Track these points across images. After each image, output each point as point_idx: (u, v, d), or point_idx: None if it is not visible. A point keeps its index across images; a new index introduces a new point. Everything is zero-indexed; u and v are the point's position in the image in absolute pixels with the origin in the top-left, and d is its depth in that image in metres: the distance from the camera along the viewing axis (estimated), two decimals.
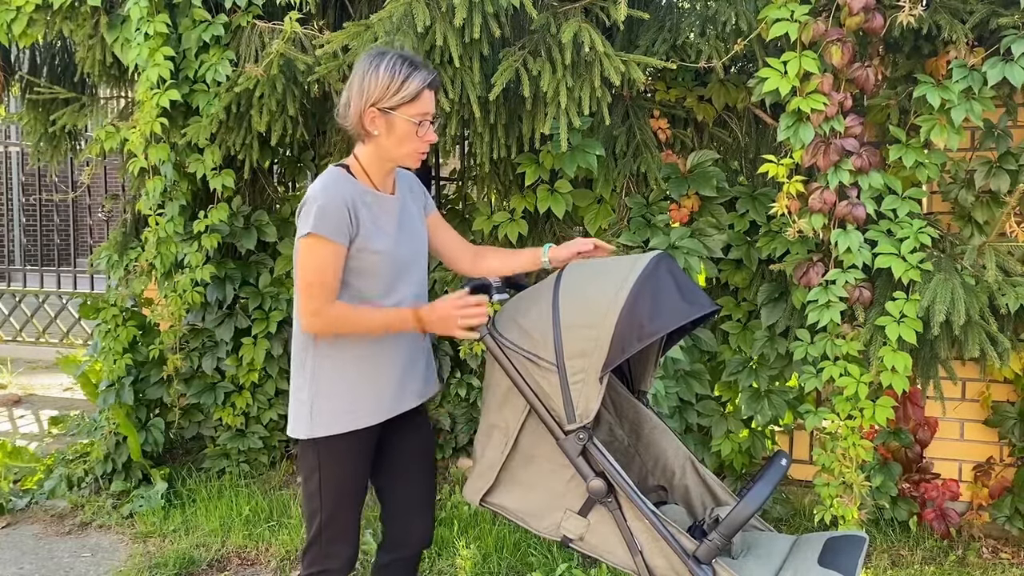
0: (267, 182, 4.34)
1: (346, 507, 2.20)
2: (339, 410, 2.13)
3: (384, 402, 2.19)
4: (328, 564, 2.22)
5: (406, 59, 2.09)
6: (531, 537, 3.43)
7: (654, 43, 3.28)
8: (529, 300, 2.10)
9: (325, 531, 2.20)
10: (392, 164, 2.19)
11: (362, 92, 2.08)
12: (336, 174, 2.13)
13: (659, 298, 1.92)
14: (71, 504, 4.00)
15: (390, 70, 2.06)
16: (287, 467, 4.29)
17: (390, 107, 2.07)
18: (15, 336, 7.51)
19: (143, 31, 3.64)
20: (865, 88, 2.94)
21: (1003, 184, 3.03)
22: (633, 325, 1.90)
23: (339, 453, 2.16)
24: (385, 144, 2.13)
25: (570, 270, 2.08)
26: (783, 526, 3.56)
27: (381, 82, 2.06)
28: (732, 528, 1.86)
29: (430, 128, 2.13)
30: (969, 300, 2.87)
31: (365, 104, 2.08)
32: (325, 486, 2.17)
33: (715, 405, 3.60)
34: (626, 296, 1.91)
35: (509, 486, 2.13)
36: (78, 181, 5.39)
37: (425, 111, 2.10)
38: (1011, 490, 3.42)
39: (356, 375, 2.15)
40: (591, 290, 1.98)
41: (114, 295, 4.18)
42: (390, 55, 2.09)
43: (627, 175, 3.49)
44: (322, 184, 2.09)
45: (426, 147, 2.15)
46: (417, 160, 2.18)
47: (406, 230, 2.23)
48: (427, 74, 2.09)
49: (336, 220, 2.04)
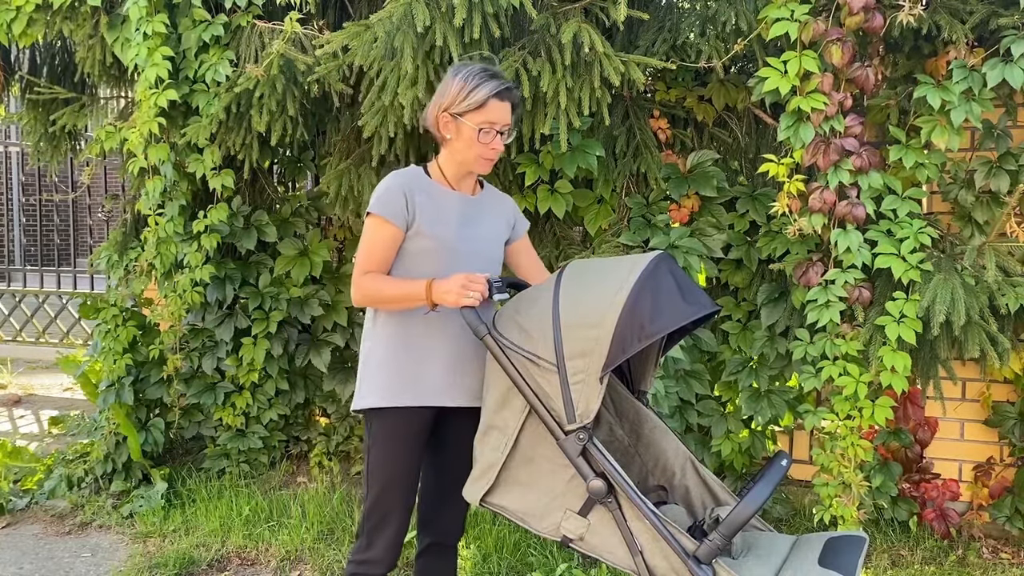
0: (267, 182, 4.34)
1: (391, 493, 2.27)
2: (384, 385, 2.25)
3: (428, 388, 2.26)
4: (369, 555, 2.29)
5: (485, 71, 2.23)
6: (531, 537, 3.43)
7: (654, 43, 3.28)
8: (529, 300, 2.10)
9: (370, 517, 2.29)
10: (465, 167, 2.30)
11: (439, 97, 2.26)
12: (408, 168, 2.33)
13: (660, 298, 1.93)
14: (71, 504, 4.00)
15: (464, 78, 2.21)
16: (287, 467, 4.29)
17: (458, 112, 2.21)
18: (15, 336, 7.51)
19: (142, 31, 3.64)
20: (865, 88, 2.94)
21: (1003, 184, 3.03)
22: (633, 325, 1.90)
23: (387, 430, 2.26)
24: (456, 147, 2.27)
25: (571, 270, 2.09)
26: (783, 526, 3.56)
27: (454, 89, 2.22)
28: (732, 528, 1.85)
29: (496, 137, 2.23)
30: (969, 300, 2.87)
31: (439, 108, 2.25)
32: (373, 466, 2.28)
33: (715, 405, 3.60)
34: (626, 296, 1.91)
35: (509, 486, 2.13)
36: (78, 181, 5.39)
37: (490, 119, 2.21)
38: (1011, 490, 3.42)
39: (405, 355, 2.25)
40: (592, 290, 1.98)
41: (114, 295, 4.18)
42: (472, 67, 2.24)
43: (627, 175, 3.49)
44: (392, 173, 2.30)
45: (492, 154, 2.26)
46: (485, 165, 2.29)
47: (470, 226, 2.31)
48: (497, 85, 2.21)
49: (393, 203, 2.22)
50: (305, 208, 4.25)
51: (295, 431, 4.39)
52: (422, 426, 2.29)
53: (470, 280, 2.08)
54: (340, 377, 4.16)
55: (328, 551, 3.43)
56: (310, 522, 3.63)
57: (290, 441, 4.40)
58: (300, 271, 4.11)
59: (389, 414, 2.25)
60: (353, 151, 3.70)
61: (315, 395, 4.32)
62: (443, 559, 2.50)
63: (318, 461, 4.24)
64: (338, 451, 4.29)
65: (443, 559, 2.50)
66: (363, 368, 2.31)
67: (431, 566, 2.50)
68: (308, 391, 4.31)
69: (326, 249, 4.16)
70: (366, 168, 3.55)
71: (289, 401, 4.27)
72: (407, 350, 2.26)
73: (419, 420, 2.27)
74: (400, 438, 2.26)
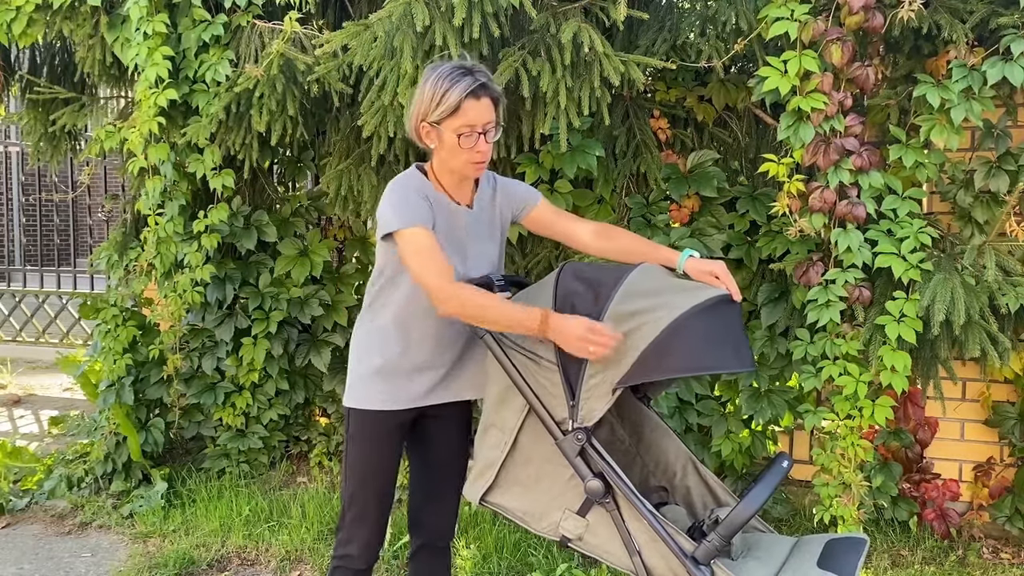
0: (267, 182, 4.34)
1: (368, 488, 2.26)
2: (377, 390, 2.21)
3: (417, 394, 2.24)
4: (348, 549, 2.29)
5: (456, 70, 2.08)
6: (531, 537, 3.43)
7: (654, 43, 3.28)
8: (530, 299, 2.10)
9: (348, 511, 2.28)
10: (457, 175, 2.19)
11: (415, 106, 2.13)
12: (411, 174, 2.20)
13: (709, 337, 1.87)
14: (71, 504, 4.00)
15: (434, 83, 2.08)
16: (287, 467, 4.29)
17: (435, 120, 2.09)
18: (15, 336, 7.51)
19: (142, 31, 3.64)
20: (865, 87, 2.94)
21: (1002, 185, 3.03)
22: (662, 354, 1.85)
23: (365, 428, 2.23)
24: (442, 155, 2.15)
25: (637, 272, 2.01)
26: (783, 526, 3.56)
27: (426, 96, 2.09)
28: (731, 529, 1.85)
29: (479, 139, 2.09)
30: (969, 300, 2.86)
31: (418, 119, 2.13)
32: (351, 462, 2.27)
33: (715, 405, 3.59)
34: (667, 324, 1.85)
35: (508, 486, 2.13)
36: (78, 181, 5.38)
37: (468, 122, 2.07)
38: (1011, 490, 3.42)
39: (401, 361, 2.21)
40: (643, 302, 1.93)
41: (114, 295, 4.18)
42: (442, 68, 2.10)
43: (627, 175, 3.49)
44: (400, 182, 2.17)
45: (479, 156, 2.12)
46: (476, 170, 2.16)
47: (478, 242, 2.25)
48: (469, 83, 2.06)
49: (421, 208, 2.10)
50: (305, 208, 4.25)
51: (295, 431, 4.38)
52: (400, 424, 2.27)
53: (594, 331, 1.90)
54: (340, 377, 4.16)
55: (328, 551, 3.43)
56: (310, 522, 3.63)
57: (290, 441, 4.40)
58: (300, 271, 4.11)
59: (369, 413, 2.23)
60: (353, 151, 3.70)
61: (315, 395, 4.32)
62: (436, 560, 2.47)
63: (318, 461, 4.24)
64: (338, 451, 4.28)
65: (436, 560, 2.47)
66: (357, 365, 2.26)
67: (424, 568, 2.47)
68: (308, 391, 4.31)
69: (326, 249, 4.16)
70: (366, 168, 3.55)
71: (289, 401, 4.27)
72: (405, 357, 2.22)
73: (398, 419, 2.25)
74: (376, 437, 2.24)
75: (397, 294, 2.21)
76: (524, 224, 2.40)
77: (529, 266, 3.57)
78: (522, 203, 2.36)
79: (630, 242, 2.31)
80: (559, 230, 2.38)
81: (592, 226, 2.35)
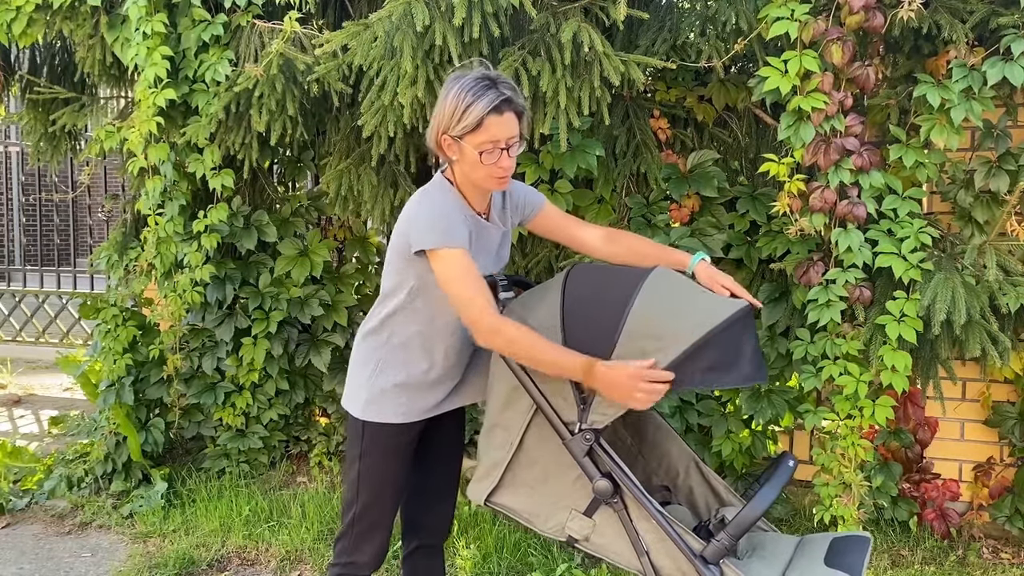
0: (267, 182, 4.34)
1: (385, 499, 2.24)
2: (397, 403, 2.19)
3: (431, 406, 2.24)
4: (356, 557, 2.27)
5: (479, 83, 2.01)
6: (531, 537, 3.43)
7: (654, 43, 3.28)
8: (536, 299, 2.09)
9: (357, 524, 2.25)
10: (480, 188, 2.14)
11: (436, 118, 2.07)
12: (442, 188, 2.14)
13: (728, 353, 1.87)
14: (71, 504, 4.00)
15: (455, 97, 2.01)
16: (287, 467, 4.29)
17: (457, 135, 2.03)
18: (15, 336, 7.50)
19: (142, 31, 3.64)
20: (865, 87, 2.94)
21: (1002, 185, 3.03)
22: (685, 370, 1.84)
23: (383, 441, 2.20)
24: (463, 168, 2.09)
25: (655, 276, 1.99)
26: (783, 526, 3.56)
27: (448, 109, 2.02)
28: (740, 529, 1.86)
29: (502, 155, 2.03)
30: (970, 299, 2.87)
31: (439, 131, 2.06)
32: (365, 474, 2.22)
33: (715, 405, 3.59)
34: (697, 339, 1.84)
35: (514, 486, 2.13)
36: (78, 181, 5.38)
37: (491, 138, 2.01)
38: (1011, 490, 3.42)
39: (423, 378, 2.20)
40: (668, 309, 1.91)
41: (114, 295, 4.18)
42: (465, 79, 2.03)
43: (627, 175, 3.48)
44: (434, 198, 2.10)
45: (502, 172, 2.06)
46: (497, 183, 2.10)
47: (499, 253, 2.27)
48: (493, 98, 1.99)
49: (460, 230, 2.05)
50: (305, 208, 4.25)
51: (295, 431, 4.38)
52: (416, 434, 2.27)
53: (641, 378, 1.83)
54: (340, 377, 4.15)
55: (328, 551, 3.43)
56: (310, 522, 3.63)
57: (290, 441, 4.40)
58: (300, 271, 4.11)
59: (387, 427, 2.21)
60: (353, 151, 3.70)
61: (315, 395, 4.32)
62: (431, 560, 2.48)
63: (318, 461, 4.23)
64: (338, 451, 4.28)
65: (431, 560, 2.48)
66: (376, 379, 2.20)
67: (421, 568, 2.47)
68: (308, 391, 4.30)
69: (326, 249, 4.16)
70: (366, 168, 3.55)
71: (289, 401, 4.27)
72: (430, 373, 2.20)
73: (415, 429, 2.25)
74: (394, 449, 2.23)
75: (424, 311, 2.15)
76: (529, 228, 2.40)
77: (529, 266, 3.57)
78: (529, 208, 2.36)
79: (639, 245, 2.32)
80: (566, 235, 2.38)
81: (600, 231, 2.36)
